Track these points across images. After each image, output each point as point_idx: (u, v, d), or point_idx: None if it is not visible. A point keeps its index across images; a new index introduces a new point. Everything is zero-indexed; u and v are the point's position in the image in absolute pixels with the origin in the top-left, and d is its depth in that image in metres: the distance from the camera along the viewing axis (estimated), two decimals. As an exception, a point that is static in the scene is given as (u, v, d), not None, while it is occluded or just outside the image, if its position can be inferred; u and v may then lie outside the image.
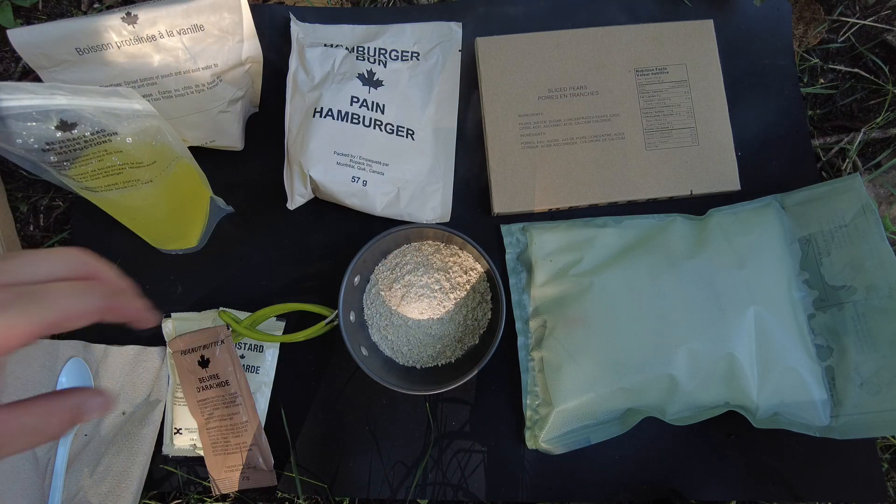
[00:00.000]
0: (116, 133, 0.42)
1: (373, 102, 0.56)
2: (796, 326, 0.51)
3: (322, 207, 0.57)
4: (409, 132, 0.57)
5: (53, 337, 0.53)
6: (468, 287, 0.55)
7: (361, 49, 0.57)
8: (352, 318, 0.53)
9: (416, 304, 0.54)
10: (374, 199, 0.55)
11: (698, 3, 0.62)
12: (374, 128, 0.56)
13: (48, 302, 0.23)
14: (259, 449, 0.52)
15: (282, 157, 0.56)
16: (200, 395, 0.52)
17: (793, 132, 0.60)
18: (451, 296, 0.54)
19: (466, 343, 0.55)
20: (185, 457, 0.54)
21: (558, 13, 0.61)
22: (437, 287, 0.54)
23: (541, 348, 0.53)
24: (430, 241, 0.56)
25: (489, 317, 0.55)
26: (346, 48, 0.57)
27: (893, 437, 0.56)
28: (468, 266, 0.55)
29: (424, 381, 0.53)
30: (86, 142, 0.42)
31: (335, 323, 0.52)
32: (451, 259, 0.55)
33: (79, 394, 0.25)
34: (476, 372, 0.49)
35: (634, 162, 0.57)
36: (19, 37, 0.46)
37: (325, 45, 0.57)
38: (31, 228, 0.59)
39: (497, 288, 0.51)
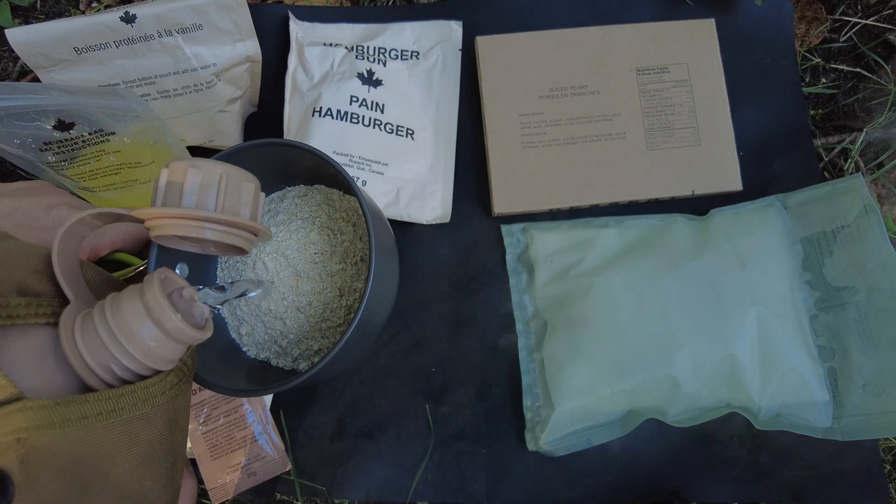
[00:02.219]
0: (114, 133, 0.42)
1: (372, 102, 0.56)
2: (798, 327, 0.51)
3: (322, 207, 0.57)
4: (409, 132, 0.56)
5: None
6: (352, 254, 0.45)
7: (361, 48, 0.57)
8: (178, 271, 0.40)
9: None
10: (374, 199, 0.54)
11: (700, 3, 0.61)
12: (374, 127, 0.55)
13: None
14: (268, 434, 0.51)
15: (281, 156, 0.56)
16: (196, 396, 0.52)
17: (795, 132, 0.60)
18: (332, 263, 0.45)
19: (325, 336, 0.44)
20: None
21: (559, 12, 0.61)
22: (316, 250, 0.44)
23: (541, 349, 0.52)
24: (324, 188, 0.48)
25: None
26: (346, 47, 0.57)
27: (895, 438, 0.55)
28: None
29: (265, 378, 0.43)
30: (84, 142, 0.42)
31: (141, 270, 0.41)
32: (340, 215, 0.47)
33: None
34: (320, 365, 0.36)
35: (636, 162, 0.57)
36: (17, 36, 0.46)
37: (325, 45, 0.57)
38: (30, 229, 0.59)
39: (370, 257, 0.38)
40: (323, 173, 0.46)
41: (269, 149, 0.42)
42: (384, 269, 0.40)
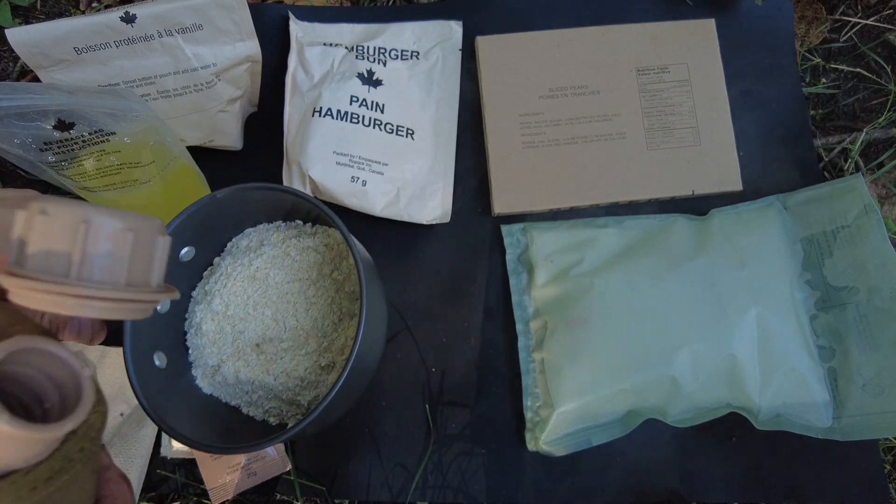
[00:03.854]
0: (114, 133, 0.42)
1: (372, 102, 0.56)
2: (798, 327, 0.51)
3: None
4: (409, 132, 0.56)
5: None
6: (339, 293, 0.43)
7: (361, 48, 0.57)
8: (158, 306, 0.40)
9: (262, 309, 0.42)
10: (374, 199, 0.54)
11: (700, 3, 0.61)
12: (374, 127, 0.55)
13: None
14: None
15: (281, 157, 0.56)
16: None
17: (795, 132, 0.60)
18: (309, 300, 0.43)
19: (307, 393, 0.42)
20: (184, 459, 0.53)
21: (559, 12, 0.61)
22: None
23: (541, 349, 0.52)
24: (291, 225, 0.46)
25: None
26: (346, 47, 0.57)
27: (895, 438, 0.55)
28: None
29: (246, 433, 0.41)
30: (84, 142, 0.42)
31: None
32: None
33: None
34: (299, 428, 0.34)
35: (636, 162, 0.57)
36: (17, 36, 0.46)
37: (325, 45, 0.57)
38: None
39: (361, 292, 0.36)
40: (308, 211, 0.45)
41: (268, 193, 0.41)
42: (371, 334, 0.38)
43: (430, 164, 0.57)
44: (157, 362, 0.40)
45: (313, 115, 0.54)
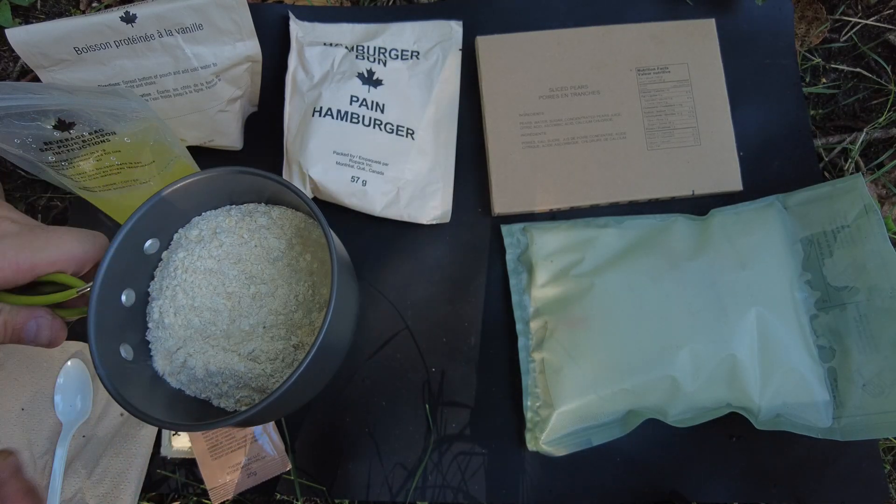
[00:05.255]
0: (115, 133, 0.42)
1: (372, 102, 0.56)
2: (798, 327, 0.51)
3: (321, 208, 0.57)
4: (409, 132, 0.56)
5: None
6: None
7: (361, 48, 0.57)
8: (123, 298, 0.39)
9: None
10: (374, 199, 0.54)
11: (700, 3, 0.61)
12: (374, 127, 0.55)
13: None
14: (268, 434, 0.51)
15: (281, 156, 0.56)
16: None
17: (795, 132, 0.60)
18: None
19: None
20: (184, 458, 0.54)
21: (559, 12, 0.61)
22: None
23: (542, 349, 0.52)
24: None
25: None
26: (346, 47, 0.57)
27: (895, 438, 0.55)
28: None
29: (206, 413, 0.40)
30: (84, 141, 0.42)
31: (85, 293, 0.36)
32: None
33: None
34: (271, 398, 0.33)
35: (636, 162, 0.57)
36: (17, 36, 0.46)
37: (325, 44, 0.57)
38: (30, 228, 0.59)
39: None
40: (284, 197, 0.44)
41: (238, 176, 0.40)
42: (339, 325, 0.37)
43: (430, 164, 0.57)
44: (123, 354, 0.38)
45: (313, 115, 0.54)
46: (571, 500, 0.53)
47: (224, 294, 0.42)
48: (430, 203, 0.56)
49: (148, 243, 0.41)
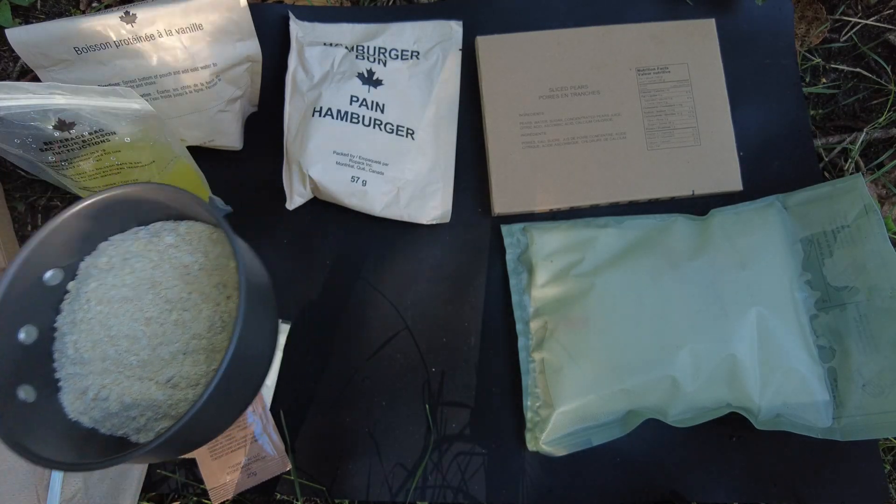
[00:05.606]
0: (115, 133, 0.42)
1: (372, 102, 0.56)
2: (798, 327, 0.51)
3: (321, 208, 0.57)
4: (409, 132, 0.56)
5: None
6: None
7: (361, 48, 0.57)
8: (22, 335, 0.36)
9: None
10: (374, 199, 0.54)
11: (700, 3, 0.61)
12: (374, 127, 0.55)
13: None
14: (268, 434, 0.51)
15: (281, 156, 0.56)
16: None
17: (795, 132, 0.60)
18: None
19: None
20: (184, 459, 0.54)
21: (559, 12, 0.61)
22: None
23: (542, 349, 0.52)
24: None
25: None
26: (346, 47, 0.57)
27: (895, 438, 0.55)
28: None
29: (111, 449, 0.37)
30: (84, 141, 0.42)
31: None
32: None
33: None
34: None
35: (636, 162, 0.57)
36: (17, 36, 0.46)
37: (325, 44, 0.57)
38: (29, 229, 0.59)
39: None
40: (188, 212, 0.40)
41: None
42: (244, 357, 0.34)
43: (430, 164, 0.57)
44: (22, 396, 0.35)
45: (313, 115, 0.54)
46: (571, 500, 0.53)
47: (143, 321, 0.38)
48: (430, 203, 0.56)
49: (49, 274, 0.38)
